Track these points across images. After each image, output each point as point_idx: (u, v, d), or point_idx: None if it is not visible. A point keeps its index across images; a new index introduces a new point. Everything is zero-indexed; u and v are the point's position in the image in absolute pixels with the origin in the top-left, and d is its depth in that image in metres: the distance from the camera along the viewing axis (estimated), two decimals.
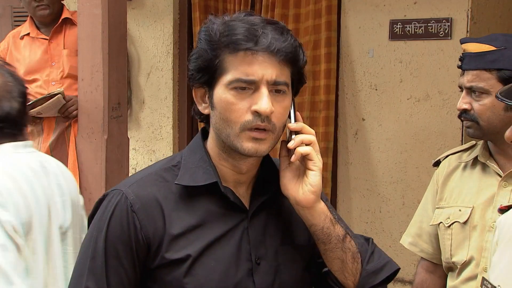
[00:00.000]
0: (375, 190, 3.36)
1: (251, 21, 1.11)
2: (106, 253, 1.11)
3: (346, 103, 3.40)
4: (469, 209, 1.63)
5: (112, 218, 1.12)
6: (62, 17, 2.80)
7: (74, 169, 2.60)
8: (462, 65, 1.62)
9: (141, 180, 1.15)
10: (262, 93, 1.09)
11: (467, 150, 1.73)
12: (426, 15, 3.12)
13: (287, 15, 3.46)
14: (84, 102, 2.58)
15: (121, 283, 1.12)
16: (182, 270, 1.10)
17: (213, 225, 1.14)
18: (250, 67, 1.08)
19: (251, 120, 1.09)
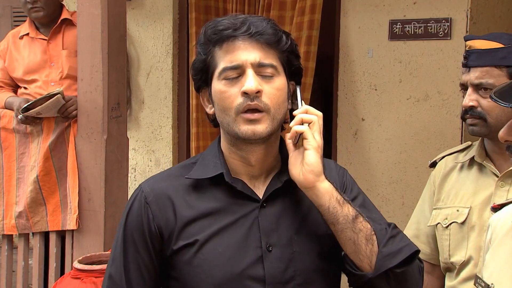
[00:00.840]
0: (375, 190, 3.36)
1: (236, 16, 1.20)
2: (124, 241, 1.21)
3: (346, 103, 3.40)
4: (467, 210, 1.63)
5: (130, 210, 1.22)
6: (61, 17, 2.80)
7: (74, 169, 2.60)
8: (468, 62, 1.59)
9: (159, 176, 1.26)
10: (247, 74, 1.15)
11: (463, 151, 1.73)
12: (426, 15, 3.12)
13: (284, 16, 3.46)
14: (84, 102, 2.58)
15: (138, 269, 1.20)
16: (190, 254, 1.17)
17: (224, 213, 1.20)
18: (233, 55, 1.16)
19: (242, 102, 1.15)
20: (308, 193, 1.17)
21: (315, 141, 1.15)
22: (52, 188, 2.67)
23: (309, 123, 1.17)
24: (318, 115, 1.18)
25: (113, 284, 1.21)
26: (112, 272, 1.22)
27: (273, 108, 1.16)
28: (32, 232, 2.74)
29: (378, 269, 1.14)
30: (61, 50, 2.80)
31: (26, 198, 2.66)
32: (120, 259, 1.21)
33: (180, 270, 1.19)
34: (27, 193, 2.66)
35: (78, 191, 2.59)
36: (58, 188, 2.67)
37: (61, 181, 2.66)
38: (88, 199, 2.59)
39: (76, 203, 2.58)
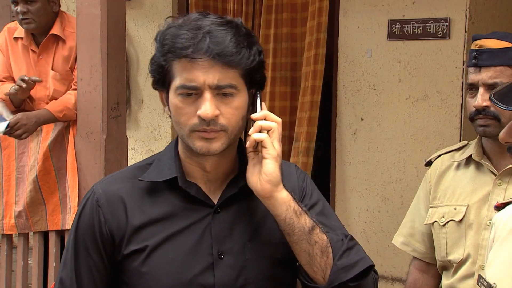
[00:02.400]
0: (374, 189, 3.36)
1: (197, 25, 1.12)
2: (75, 244, 1.18)
3: (345, 103, 3.41)
4: (464, 208, 1.63)
5: (82, 213, 1.19)
6: (50, 32, 2.73)
7: (73, 169, 2.61)
8: (479, 62, 1.56)
9: (112, 177, 1.23)
10: (204, 98, 1.11)
11: (459, 150, 1.73)
12: (425, 15, 3.12)
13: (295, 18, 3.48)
14: (83, 102, 2.58)
15: (90, 273, 1.18)
16: (140, 260, 1.15)
17: (176, 218, 1.17)
18: (191, 73, 1.11)
19: (198, 123, 1.12)
20: (265, 203, 1.14)
21: (274, 150, 1.12)
22: (52, 188, 2.67)
23: (268, 130, 1.14)
24: (278, 122, 1.15)
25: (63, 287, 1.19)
26: (63, 276, 1.19)
27: (231, 127, 1.14)
28: (31, 231, 2.74)
29: (332, 282, 1.13)
30: (50, 70, 2.76)
31: (25, 198, 2.67)
32: (71, 263, 1.18)
33: (130, 276, 1.17)
34: (27, 193, 2.66)
35: (77, 191, 2.59)
36: (57, 187, 2.67)
37: (60, 180, 2.67)
38: None
39: (76, 203, 2.58)
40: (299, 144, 3.40)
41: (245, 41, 1.13)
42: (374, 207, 3.36)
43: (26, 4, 2.66)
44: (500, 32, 1.63)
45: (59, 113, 2.62)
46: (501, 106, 1.04)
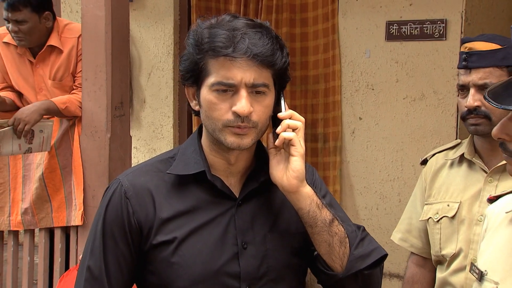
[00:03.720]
0: (372, 187, 3.43)
1: (233, 26, 1.17)
2: (103, 234, 1.22)
3: (344, 103, 3.47)
4: (457, 204, 1.69)
5: (109, 204, 1.23)
6: (47, 44, 2.75)
7: (78, 167, 2.67)
8: (469, 64, 1.63)
9: (138, 170, 1.27)
10: (241, 95, 1.16)
11: (453, 148, 1.79)
12: (422, 17, 3.19)
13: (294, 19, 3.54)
14: (88, 101, 2.64)
15: (117, 262, 1.22)
16: (170, 250, 1.20)
17: (202, 211, 1.22)
18: (229, 71, 1.16)
19: (232, 120, 1.17)
20: (290, 197, 1.20)
21: (301, 147, 1.18)
22: (57, 185, 2.73)
23: (295, 129, 1.19)
24: (302, 121, 1.21)
25: (92, 276, 1.22)
26: (91, 264, 1.23)
27: (260, 124, 1.19)
28: (37, 228, 2.80)
29: (349, 270, 1.21)
30: (47, 80, 2.78)
31: (31, 195, 2.72)
32: (100, 252, 1.22)
33: (158, 265, 1.21)
34: (33, 190, 2.72)
35: (83, 188, 2.65)
36: (62, 185, 2.73)
37: (65, 178, 2.72)
38: (93, 195, 2.65)
39: (81, 200, 2.64)
40: (329, 144, 3.48)
41: (277, 43, 1.20)
42: (372, 204, 3.42)
43: (17, 24, 2.67)
44: (488, 34, 1.69)
45: (62, 104, 2.64)
46: (494, 104, 1.09)
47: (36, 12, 2.69)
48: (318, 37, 3.48)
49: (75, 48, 2.77)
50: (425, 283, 1.81)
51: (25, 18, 2.67)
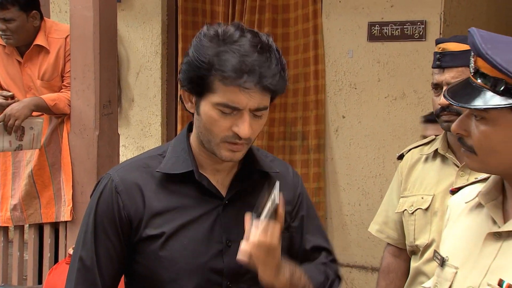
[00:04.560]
0: (355, 184, 3.52)
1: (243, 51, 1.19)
2: (95, 226, 1.27)
3: (328, 102, 3.56)
4: (430, 197, 1.77)
5: (100, 198, 1.28)
6: (34, 43, 2.79)
7: (67, 164, 2.73)
8: (443, 63, 1.71)
9: (128, 166, 1.32)
10: (244, 119, 1.21)
11: (428, 144, 1.87)
12: (402, 18, 3.28)
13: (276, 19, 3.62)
14: (77, 100, 2.70)
15: (107, 253, 1.27)
16: (157, 245, 1.26)
17: (190, 208, 1.28)
18: (237, 96, 1.19)
19: (231, 136, 1.22)
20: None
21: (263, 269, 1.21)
22: (46, 182, 2.79)
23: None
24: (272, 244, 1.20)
25: (84, 266, 1.27)
26: (83, 255, 1.27)
27: (253, 138, 1.26)
28: (26, 224, 2.86)
29: None
30: (36, 79, 2.83)
31: (20, 192, 2.78)
32: (91, 243, 1.27)
33: (146, 257, 1.27)
34: (22, 187, 2.78)
35: (72, 185, 2.71)
36: (51, 182, 2.78)
37: (54, 175, 2.78)
38: (81, 192, 2.71)
39: (70, 196, 2.71)
40: (309, 142, 3.55)
41: (281, 66, 1.23)
42: (355, 200, 3.51)
43: (5, 22, 2.71)
44: (461, 36, 1.78)
45: (51, 101, 2.70)
46: (452, 102, 1.16)
47: (24, 11, 2.74)
48: (299, 37, 3.56)
49: (63, 48, 2.82)
50: (400, 272, 1.89)
51: (13, 16, 2.72)
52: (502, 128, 1.09)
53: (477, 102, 1.09)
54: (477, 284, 1.12)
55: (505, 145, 1.10)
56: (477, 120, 1.12)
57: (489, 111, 1.08)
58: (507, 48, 1.13)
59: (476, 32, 1.14)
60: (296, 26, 3.58)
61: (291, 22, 3.60)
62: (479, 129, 1.11)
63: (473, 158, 1.15)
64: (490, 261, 1.12)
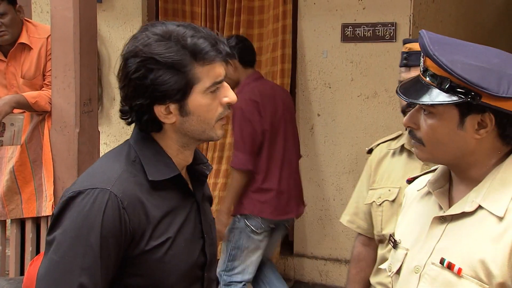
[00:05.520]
0: (330, 180, 3.63)
1: (198, 35, 1.24)
2: (101, 248, 1.17)
3: (303, 100, 3.67)
4: (397, 189, 1.87)
5: (105, 216, 1.17)
6: (18, 41, 2.85)
7: (48, 160, 2.79)
8: (409, 62, 1.81)
9: (120, 178, 1.22)
10: (226, 87, 1.28)
11: (395, 139, 1.98)
12: (374, 20, 3.41)
13: (252, 20, 3.72)
14: (57, 98, 2.77)
15: (106, 273, 1.20)
16: (163, 251, 1.23)
17: (180, 209, 1.29)
18: (217, 71, 1.26)
19: (222, 111, 1.28)
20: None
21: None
22: (27, 178, 2.84)
23: None
24: None
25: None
26: (84, 282, 1.16)
27: None
28: (7, 219, 2.91)
29: None
30: (19, 78, 2.88)
31: (2, 187, 2.83)
32: (96, 267, 1.17)
33: (149, 267, 1.22)
34: (4, 183, 2.83)
35: (53, 180, 2.77)
36: (32, 178, 2.84)
37: (35, 171, 2.83)
38: (62, 187, 2.77)
39: (51, 191, 2.77)
40: None
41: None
42: (329, 196, 3.62)
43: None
44: None
45: (32, 98, 2.76)
46: (403, 98, 1.26)
47: (12, 4, 2.82)
48: (269, 37, 3.66)
49: (45, 47, 2.89)
50: (370, 260, 1.99)
51: (5, 10, 2.78)
52: (447, 122, 1.19)
53: (425, 98, 1.19)
54: (423, 263, 1.24)
55: (450, 137, 1.20)
56: (425, 115, 1.22)
57: (436, 106, 1.19)
58: (453, 49, 1.23)
59: (426, 34, 1.25)
60: (268, 26, 3.68)
61: (265, 22, 3.71)
62: (427, 122, 1.22)
63: (422, 149, 1.25)
64: (435, 243, 1.23)
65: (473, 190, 1.21)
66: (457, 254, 1.18)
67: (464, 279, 1.15)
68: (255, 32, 3.74)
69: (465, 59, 1.18)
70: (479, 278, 1.14)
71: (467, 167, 1.23)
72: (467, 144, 1.19)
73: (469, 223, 1.20)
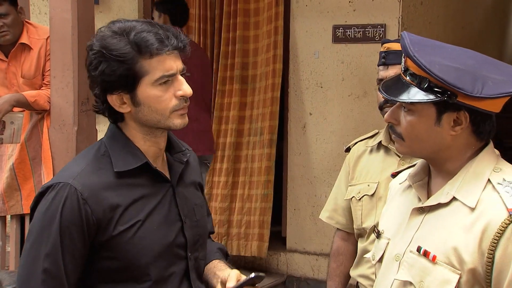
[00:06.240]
0: (321, 177, 3.71)
1: (147, 29, 1.32)
2: (61, 235, 1.28)
3: (295, 99, 3.74)
4: (375, 184, 1.95)
5: (64, 207, 1.29)
6: (19, 41, 2.92)
7: (48, 158, 2.86)
8: (387, 61, 1.89)
9: (83, 172, 1.33)
10: (180, 81, 1.35)
11: (372, 137, 2.07)
12: (364, 21, 3.48)
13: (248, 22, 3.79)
14: (56, 97, 2.83)
15: (73, 259, 1.31)
16: (131, 234, 1.34)
17: (149, 196, 1.38)
18: (167, 64, 1.32)
19: (178, 104, 1.34)
20: None
21: None
22: (27, 175, 2.91)
23: None
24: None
25: (50, 277, 1.27)
26: (47, 266, 1.27)
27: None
28: (8, 214, 2.98)
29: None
30: (19, 77, 2.96)
31: (2, 184, 2.91)
32: (57, 253, 1.27)
33: (120, 249, 1.32)
34: (4, 180, 2.90)
35: (52, 177, 2.84)
36: (32, 175, 2.91)
37: (35, 168, 2.91)
38: None
39: None
40: (264, 137, 3.72)
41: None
42: (321, 192, 3.70)
43: (1, 19, 2.85)
44: None
45: (31, 97, 2.83)
46: (384, 95, 1.33)
47: (13, 5, 2.89)
48: (264, 38, 3.73)
49: (44, 48, 2.96)
50: (349, 254, 2.08)
51: (7, 11, 2.85)
52: (425, 119, 1.27)
53: (405, 96, 1.27)
54: (402, 251, 1.32)
55: (428, 133, 1.28)
56: (405, 112, 1.30)
57: (415, 104, 1.26)
58: (432, 51, 1.30)
59: (407, 36, 1.33)
60: (262, 28, 3.75)
61: (260, 24, 3.78)
62: (406, 119, 1.29)
63: (401, 143, 1.33)
64: (414, 232, 1.31)
65: (449, 182, 1.28)
66: (432, 243, 1.26)
67: (438, 265, 1.23)
68: (251, 33, 3.81)
69: (443, 61, 1.24)
70: (452, 264, 1.21)
71: (443, 161, 1.30)
72: (443, 139, 1.27)
73: (444, 213, 1.27)
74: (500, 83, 1.23)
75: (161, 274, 1.38)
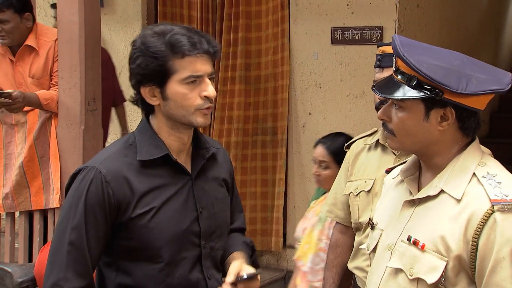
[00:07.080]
0: None
1: (182, 32, 1.45)
2: (85, 212, 1.43)
3: (295, 100, 3.82)
4: (372, 181, 2.03)
5: (90, 188, 1.44)
6: (24, 43, 2.99)
7: (55, 156, 2.94)
8: (382, 63, 1.97)
9: (109, 157, 1.48)
10: (207, 83, 1.47)
11: (371, 135, 2.15)
12: (362, 24, 3.56)
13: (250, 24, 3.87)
14: (64, 97, 2.92)
15: (96, 235, 1.45)
16: (148, 218, 1.47)
17: (168, 186, 1.50)
18: (196, 66, 1.45)
19: (202, 103, 1.47)
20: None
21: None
22: (35, 173, 2.99)
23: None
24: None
25: (75, 250, 1.41)
26: (72, 239, 1.41)
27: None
28: (17, 211, 3.06)
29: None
30: (27, 77, 3.03)
31: (12, 181, 2.98)
32: (82, 228, 1.41)
33: (137, 231, 1.45)
34: (13, 177, 2.98)
35: (60, 174, 2.92)
36: (40, 172, 2.99)
37: (43, 166, 2.98)
38: None
39: (58, 185, 2.92)
40: (277, 137, 3.83)
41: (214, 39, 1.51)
42: None
43: (0, 24, 2.93)
44: None
45: (45, 100, 2.92)
46: (377, 93, 1.41)
47: (18, 13, 2.96)
48: (269, 40, 3.81)
49: (52, 50, 3.04)
50: (346, 247, 2.15)
51: (8, 18, 2.93)
52: (414, 115, 1.35)
53: (395, 94, 1.35)
54: (394, 241, 1.40)
55: (417, 128, 1.35)
56: (396, 109, 1.38)
57: (405, 101, 1.34)
58: (421, 52, 1.38)
59: (397, 38, 1.41)
60: (267, 30, 3.83)
61: (263, 27, 3.85)
62: (397, 115, 1.37)
63: (393, 139, 1.42)
64: (405, 223, 1.39)
65: (437, 176, 1.36)
66: (421, 232, 1.33)
67: (427, 253, 1.30)
68: (253, 35, 3.87)
69: (431, 60, 1.32)
70: (439, 252, 1.29)
71: (432, 156, 1.38)
72: (432, 134, 1.34)
73: (433, 205, 1.35)
74: (483, 81, 1.31)
75: (173, 257, 1.49)
